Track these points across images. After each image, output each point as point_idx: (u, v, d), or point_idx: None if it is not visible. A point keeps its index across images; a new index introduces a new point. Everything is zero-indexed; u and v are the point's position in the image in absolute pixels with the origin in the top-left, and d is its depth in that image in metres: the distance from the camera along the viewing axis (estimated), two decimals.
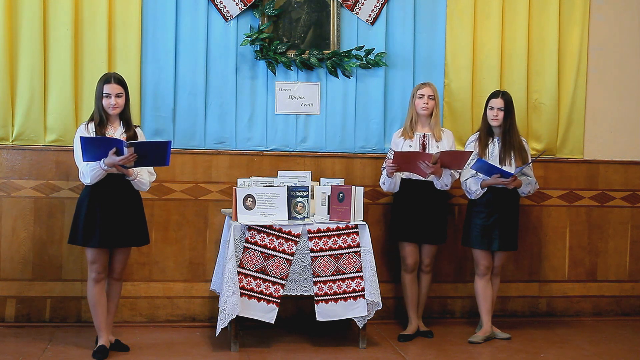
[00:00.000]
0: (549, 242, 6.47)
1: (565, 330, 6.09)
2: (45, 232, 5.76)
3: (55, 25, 5.72)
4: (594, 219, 6.54)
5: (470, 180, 5.65)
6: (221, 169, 5.97)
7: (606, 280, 6.57)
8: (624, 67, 6.58)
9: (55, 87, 5.74)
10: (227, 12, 5.95)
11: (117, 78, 5.01)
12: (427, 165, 5.37)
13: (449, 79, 6.23)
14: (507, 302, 6.38)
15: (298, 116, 6.10)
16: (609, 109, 6.56)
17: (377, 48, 6.10)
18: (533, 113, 6.38)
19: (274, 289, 5.22)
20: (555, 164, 6.44)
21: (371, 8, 6.11)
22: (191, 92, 5.95)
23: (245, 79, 6.03)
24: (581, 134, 6.48)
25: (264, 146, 6.06)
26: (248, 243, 5.20)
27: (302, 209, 5.33)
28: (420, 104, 5.66)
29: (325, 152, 6.12)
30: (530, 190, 5.74)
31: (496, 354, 5.43)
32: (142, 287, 5.87)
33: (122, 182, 4.98)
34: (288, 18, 6.07)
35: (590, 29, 6.46)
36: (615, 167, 6.55)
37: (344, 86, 6.13)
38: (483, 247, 5.68)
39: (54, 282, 5.77)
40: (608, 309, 6.58)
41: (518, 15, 6.30)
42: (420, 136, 5.68)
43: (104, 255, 5.02)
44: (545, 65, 6.36)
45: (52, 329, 5.65)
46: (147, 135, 5.55)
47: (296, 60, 6.02)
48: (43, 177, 5.75)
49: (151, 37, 5.89)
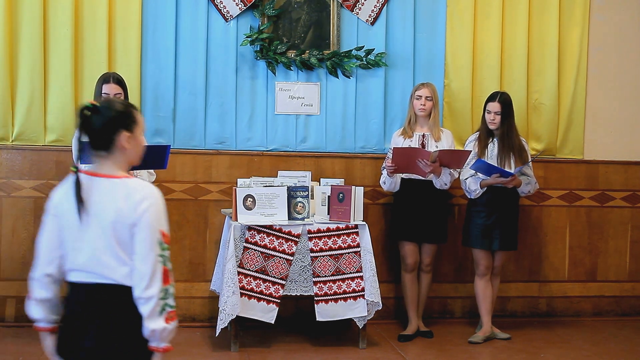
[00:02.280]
0: (549, 242, 6.47)
1: (565, 331, 6.09)
2: None
3: (55, 25, 5.72)
4: (594, 219, 6.54)
5: (469, 180, 5.66)
6: (221, 169, 5.97)
7: (606, 280, 6.57)
8: (624, 67, 6.58)
9: (55, 87, 5.74)
10: (227, 12, 5.95)
11: (116, 78, 5.01)
12: (426, 164, 5.37)
13: (449, 79, 6.23)
14: (507, 302, 6.38)
15: (298, 116, 6.10)
16: (609, 109, 6.55)
17: (377, 48, 6.10)
18: (533, 113, 6.37)
19: (274, 289, 5.22)
20: (555, 164, 6.44)
21: (371, 8, 6.10)
22: (191, 92, 5.95)
23: (245, 79, 6.03)
24: (581, 134, 6.48)
25: (264, 146, 6.06)
26: (248, 243, 5.20)
27: (302, 209, 5.34)
28: (417, 105, 5.66)
29: (325, 152, 6.12)
30: (530, 190, 5.74)
31: (496, 354, 5.43)
32: None
33: None
34: (288, 18, 6.07)
35: (591, 29, 6.46)
36: (615, 167, 6.55)
37: (344, 86, 6.13)
38: (483, 247, 5.68)
39: None
40: (608, 309, 6.58)
41: (518, 15, 6.30)
42: (419, 136, 5.68)
43: None
44: (545, 66, 6.36)
45: None
46: (147, 135, 5.52)
47: (296, 60, 6.02)
48: (43, 177, 5.75)
49: (151, 37, 5.89)
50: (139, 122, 2.77)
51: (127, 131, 2.71)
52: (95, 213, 2.66)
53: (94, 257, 2.65)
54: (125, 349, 2.67)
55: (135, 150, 2.77)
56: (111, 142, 2.71)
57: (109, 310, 2.66)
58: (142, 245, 2.63)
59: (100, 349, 2.65)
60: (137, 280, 2.63)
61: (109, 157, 2.73)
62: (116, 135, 2.70)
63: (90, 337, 2.65)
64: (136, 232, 2.64)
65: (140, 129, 2.78)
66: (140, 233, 2.63)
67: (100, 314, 2.66)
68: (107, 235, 2.64)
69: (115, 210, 2.64)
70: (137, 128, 2.75)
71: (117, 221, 2.63)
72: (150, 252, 2.63)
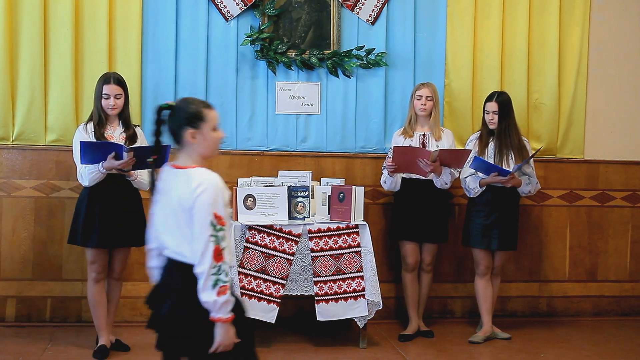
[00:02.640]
0: (549, 242, 6.48)
1: (565, 330, 6.09)
2: (45, 231, 5.76)
3: (55, 25, 5.72)
4: (594, 219, 6.54)
5: (469, 179, 5.66)
6: (221, 168, 5.96)
7: (606, 280, 6.57)
8: (624, 67, 6.58)
9: (55, 86, 5.74)
10: (227, 12, 5.95)
11: (117, 78, 5.00)
12: (427, 163, 5.37)
13: (450, 78, 6.23)
14: (507, 302, 6.39)
15: (298, 116, 6.10)
16: (609, 109, 6.56)
17: (377, 48, 6.10)
18: (533, 113, 6.38)
19: (275, 288, 5.22)
20: (555, 163, 6.45)
21: (371, 8, 6.10)
22: (191, 92, 5.92)
23: (245, 79, 6.03)
24: (581, 134, 6.48)
25: (264, 146, 6.06)
26: (248, 243, 5.20)
27: (302, 209, 5.33)
28: (418, 104, 5.66)
29: (325, 152, 6.12)
30: (531, 190, 5.74)
31: (496, 354, 5.43)
32: (142, 286, 5.85)
33: (121, 182, 4.98)
34: (288, 18, 6.07)
35: (591, 29, 6.46)
36: (616, 167, 6.55)
37: (344, 86, 6.13)
38: (483, 246, 5.68)
39: (54, 282, 5.78)
40: (608, 309, 6.58)
41: (518, 15, 6.30)
42: (420, 135, 5.68)
43: (104, 255, 5.02)
44: (545, 65, 6.36)
45: (52, 329, 5.65)
46: (147, 135, 5.54)
47: (297, 60, 6.02)
48: (43, 176, 5.75)
49: (151, 37, 5.89)
50: (208, 119, 3.15)
51: (192, 128, 3.11)
52: (169, 199, 3.11)
53: (170, 237, 3.11)
54: (192, 320, 3.03)
55: (204, 144, 3.15)
56: (180, 137, 3.14)
57: (180, 285, 3.07)
58: (197, 227, 3.00)
59: (172, 318, 3.07)
60: (194, 258, 3.01)
61: (182, 151, 3.17)
62: (182, 131, 3.12)
63: (166, 307, 3.09)
64: (193, 215, 3.01)
65: (210, 125, 3.15)
66: (196, 215, 3.00)
67: (174, 287, 3.10)
68: (176, 218, 3.07)
69: (178, 196, 3.06)
70: (204, 125, 3.14)
71: (180, 205, 3.04)
72: (203, 233, 2.98)
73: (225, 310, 2.99)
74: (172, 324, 3.08)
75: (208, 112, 3.17)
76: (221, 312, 2.99)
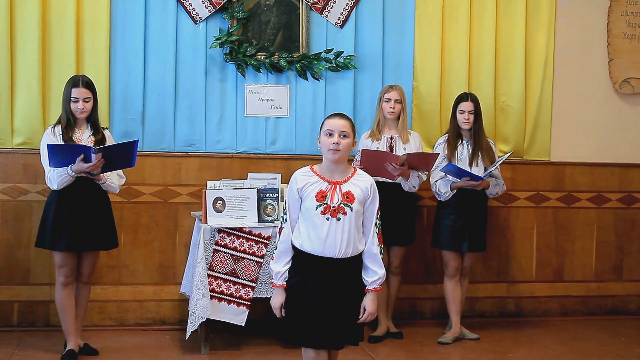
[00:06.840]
0: (517, 243, 6.54)
1: (533, 330, 6.16)
2: (12, 235, 5.70)
3: (22, 27, 5.66)
4: (560, 220, 6.62)
5: (439, 182, 5.69)
6: (191, 171, 5.96)
7: (573, 280, 6.65)
8: (590, 69, 6.66)
9: (22, 89, 5.68)
10: (196, 15, 5.94)
11: (86, 82, 4.96)
12: (395, 167, 5.40)
13: (418, 81, 6.27)
14: (475, 302, 6.44)
15: (268, 118, 6.10)
16: (574, 111, 6.63)
17: (346, 51, 6.12)
18: (500, 115, 6.44)
19: (244, 291, 5.22)
20: (522, 165, 6.51)
21: (340, 11, 6.13)
22: (160, 95, 5.92)
23: (214, 82, 6.02)
24: (548, 136, 6.54)
25: (233, 148, 6.06)
26: (218, 246, 5.19)
27: (272, 211, 5.34)
28: (387, 107, 5.69)
29: (295, 155, 6.12)
30: (498, 192, 5.79)
31: (465, 354, 5.47)
32: (111, 290, 5.84)
33: (90, 185, 4.95)
34: (257, 21, 6.07)
35: (557, 32, 6.53)
36: (582, 168, 6.63)
37: (313, 89, 6.14)
38: (453, 248, 5.72)
39: (21, 286, 5.72)
40: (575, 308, 6.66)
41: (485, 19, 6.36)
42: (387, 138, 5.71)
43: (72, 258, 4.98)
44: (512, 68, 6.43)
45: (19, 334, 5.59)
46: (115, 137, 5.51)
47: (266, 62, 6.02)
48: (10, 180, 5.69)
49: (120, 39, 5.86)
50: (323, 125, 3.60)
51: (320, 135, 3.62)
52: None
53: None
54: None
55: (323, 149, 3.59)
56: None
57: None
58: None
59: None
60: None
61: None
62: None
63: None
64: None
65: (322, 131, 3.59)
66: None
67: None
68: None
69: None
70: (321, 131, 3.61)
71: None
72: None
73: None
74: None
75: (326, 121, 3.63)
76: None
